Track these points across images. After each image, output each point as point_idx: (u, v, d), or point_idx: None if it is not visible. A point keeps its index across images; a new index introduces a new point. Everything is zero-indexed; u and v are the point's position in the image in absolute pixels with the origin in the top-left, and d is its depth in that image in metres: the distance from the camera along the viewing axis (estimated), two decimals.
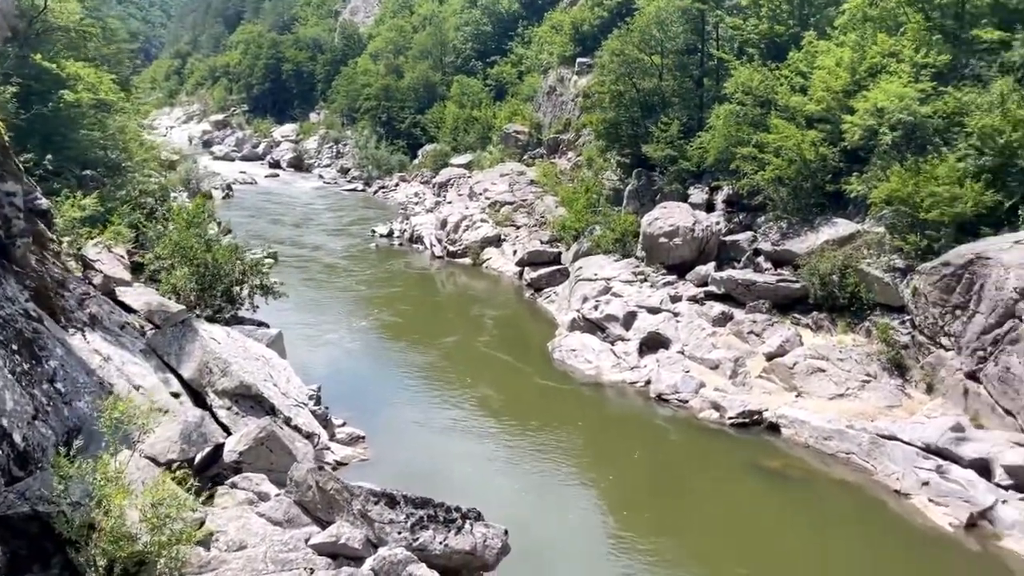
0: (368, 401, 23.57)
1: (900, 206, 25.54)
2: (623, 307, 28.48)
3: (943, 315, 23.39)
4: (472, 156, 60.78)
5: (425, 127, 71.76)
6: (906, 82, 27.98)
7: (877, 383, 23.50)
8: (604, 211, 37.82)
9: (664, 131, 36.19)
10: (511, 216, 44.78)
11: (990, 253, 22.60)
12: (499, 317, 33.11)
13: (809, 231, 29.46)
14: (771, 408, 22.62)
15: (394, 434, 21.41)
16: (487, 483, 19.10)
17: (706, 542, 17.38)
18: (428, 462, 20.00)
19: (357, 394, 24.02)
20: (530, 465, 20.38)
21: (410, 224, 47.58)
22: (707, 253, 31.71)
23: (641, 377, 25.52)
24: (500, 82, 70.33)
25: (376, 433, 21.13)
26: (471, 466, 20.08)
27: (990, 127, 24.98)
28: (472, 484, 18.89)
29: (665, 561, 16.47)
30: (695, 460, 21.24)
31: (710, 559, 16.60)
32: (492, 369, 26.88)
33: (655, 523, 18.06)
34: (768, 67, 34.14)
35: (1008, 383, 20.70)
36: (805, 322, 27.23)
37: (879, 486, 19.20)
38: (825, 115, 30.52)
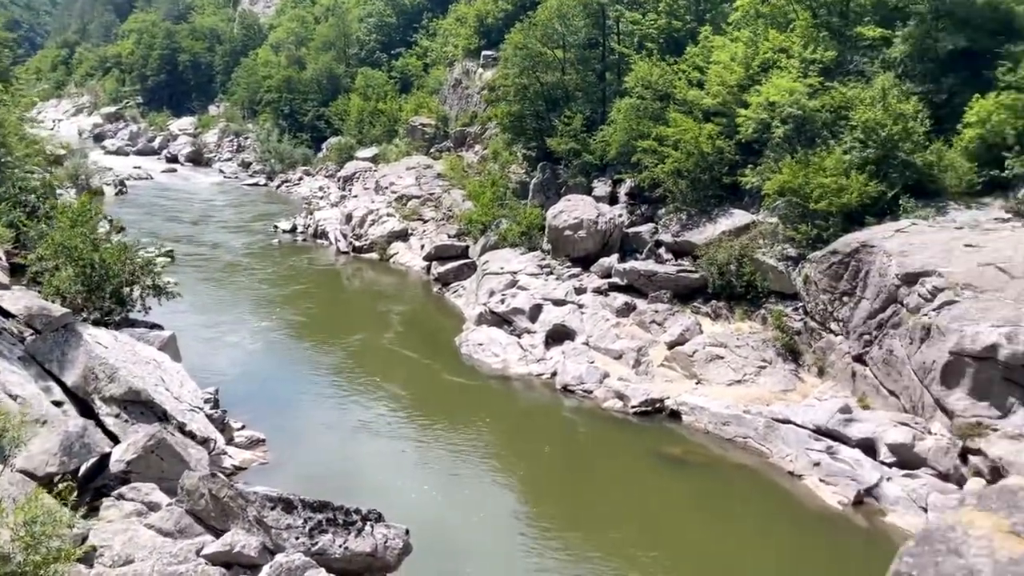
0: (270, 403, 22.95)
1: (791, 197, 26.49)
2: (529, 300, 28.63)
3: (832, 301, 24.41)
4: (378, 149, 59.99)
5: (329, 120, 70.38)
6: (795, 77, 29.02)
7: (772, 368, 24.34)
8: (511, 204, 37.92)
9: (567, 125, 36.52)
10: (418, 210, 44.39)
11: (874, 241, 23.69)
12: (406, 313, 32.80)
13: (707, 222, 30.25)
14: (672, 396, 23.14)
15: (296, 436, 20.92)
16: (394, 483, 18.87)
17: (614, 531, 17.60)
18: (332, 464, 19.63)
19: (258, 396, 23.36)
20: (438, 463, 20.25)
21: (314, 219, 46.59)
22: (611, 245, 32.18)
23: (547, 369, 25.70)
24: (405, 74, 69.63)
25: (277, 436, 20.59)
26: (378, 467, 19.81)
27: (873, 121, 26.16)
28: (379, 485, 18.65)
29: (573, 552, 16.63)
30: (601, 450, 21.52)
31: (619, 548, 16.82)
32: (399, 366, 26.58)
33: (563, 515, 18.22)
34: (666, 61, 34.85)
35: (891, 365, 21.75)
36: (705, 311, 27.95)
37: (774, 469, 19.89)
38: (721, 109, 31.39)
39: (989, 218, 24.71)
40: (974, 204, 25.38)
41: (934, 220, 24.72)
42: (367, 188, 52.62)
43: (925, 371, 20.54)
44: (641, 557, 16.46)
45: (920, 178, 25.90)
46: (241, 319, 30.82)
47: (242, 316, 31.24)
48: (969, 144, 25.64)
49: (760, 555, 16.72)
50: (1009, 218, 24.49)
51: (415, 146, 57.25)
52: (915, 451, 18.81)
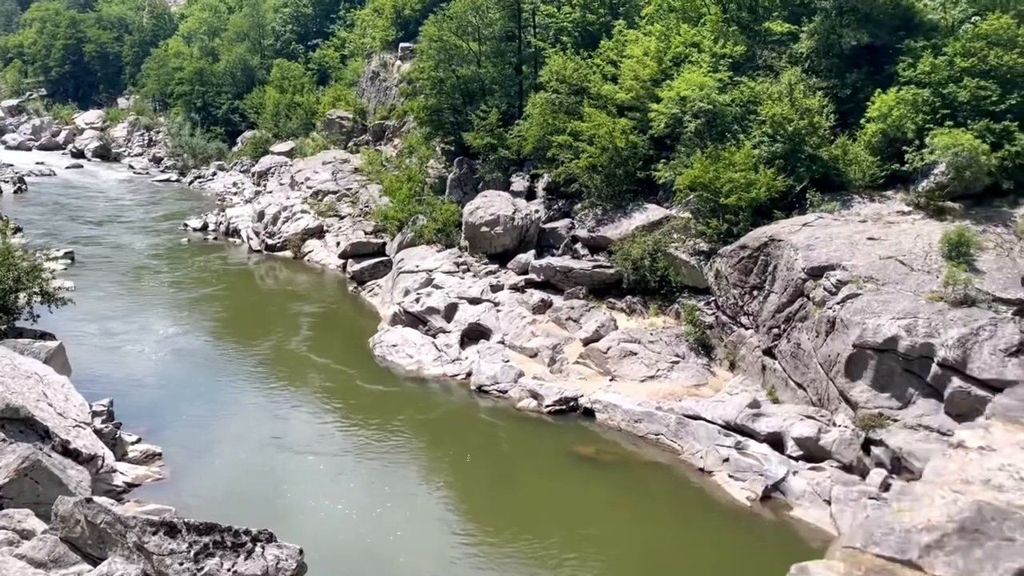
0: (170, 414, 21.92)
1: (702, 192, 26.62)
2: (444, 299, 28.14)
3: (742, 296, 24.65)
4: (295, 143, 58.51)
5: (245, 113, 68.37)
6: (706, 72, 29.20)
7: (685, 363, 24.46)
8: (428, 200, 37.30)
9: (483, 119, 36.05)
10: (334, 206, 43.37)
11: (782, 235, 24.00)
12: (320, 314, 31.90)
13: (623, 217, 30.22)
14: (586, 394, 23.01)
15: (198, 450, 19.98)
16: (303, 500, 18.11)
17: (532, 536, 17.27)
18: (235, 479, 18.79)
19: (158, 407, 22.29)
20: (352, 476, 19.54)
21: (226, 216, 45.04)
22: (528, 241, 31.91)
23: (463, 369, 25.29)
24: (323, 66, 68.13)
25: (176, 449, 19.65)
26: (286, 482, 18.96)
27: (780, 116, 26.50)
28: (286, 502, 17.92)
29: (493, 564, 16.27)
30: (516, 452, 21.24)
31: (537, 553, 16.55)
32: (311, 372, 25.73)
33: (481, 524, 17.81)
34: (581, 55, 34.70)
35: (799, 358, 22.07)
36: (620, 306, 27.94)
37: (685, 465, 19.93)
38: (635, 103, 31.38)
39: (891, 211, 25.31)
40: (877, 197, 25.95)
41: (839, 213, 25.19)
42: (283, 183, 51.23)
43: (830, 364, 20.89)
44: (557, 561, 16.23)
45: (826, 172, 26.36)
46: (145, 325, 29.45)
47: (146, 322, 29.85)
48: (872, 138, 26.20)
49: (669, 553, 16.68)
50: (910, 211, 25.11)
51: (332, 140, 56.01)
52: (820, 444, 19.09)
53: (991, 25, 25.60)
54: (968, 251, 21.77)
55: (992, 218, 23.97)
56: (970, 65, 25.27)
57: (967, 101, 24.96)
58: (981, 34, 25.69)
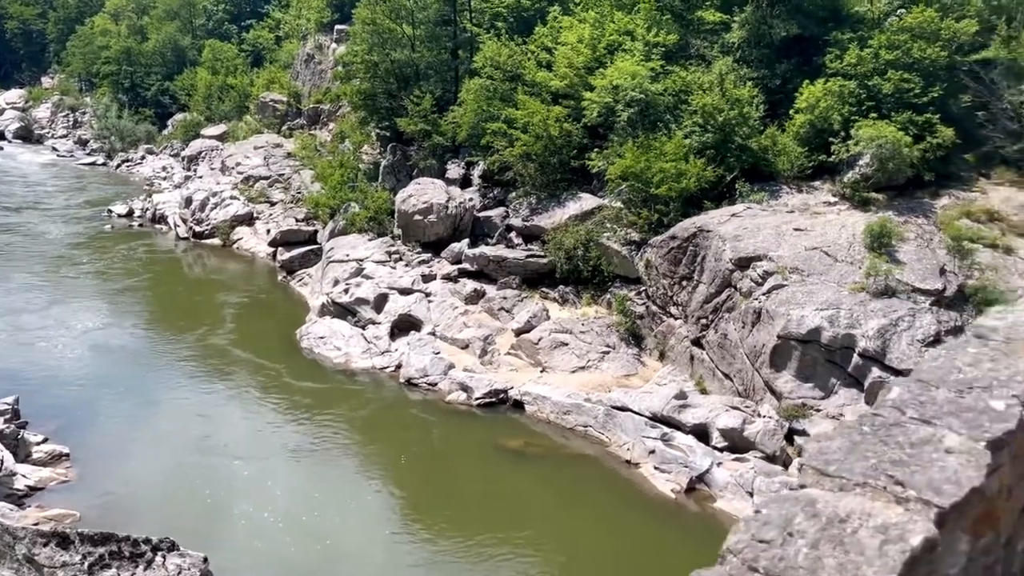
0: (83, 413, 21.01)
1: (634, 182, 26.55)
2: (374, 289, 27.59)
3: (672, 286, 24.70)
4: (227, 127, 56.86)
5: (175, 95, 66.17)
6: (639, 60, 29.08)
7: (616, 353, 24.42)
8: (361, 187, 36.54)
9: (417, 105, 35.41)
10: (266, 192, 42.27)
11: (710, 226, 24.07)
12: (247, 304, 31.04)
13: (556, 206, 30.00)
14: (516, 386, 22.80)
15: (109, 450, 19.18)
16: (220, 504, 17.51)
17: (459, 533, 17.02)
18: (148, 482, 18.07)
19: (70, 406, 21.35)
20: (273, 477, 18.89)
21: (152, 202, 43.55)
22: (462, 230, 31.49)
23: (392, 362, 24.86)
24: (257, 48, 66.28)
25: (86, 450, 18.85)
26: (203, 485, 18.26)
27: (711, 106, 26.54)
28: (200, 506, 17.30)
29: (418, 562, 15.96)
30: (444, 447, 20.95)
31: (466, 551, 16.30)
32: (236, 367, 24.97)
33: (404, 523, 17.51)
34: (516, 42, 34.28)
35: (726, 348, 22.20)
36: (553, 296, 27.78)
37: (613, 457, 19.88)
38: (569, 91, 31.11)
39: (818, 201, 25.60)
40: (805, 188, 26.23)
41: (768, 204, 25.38)
42: (213, 168, 49.78)
43: (756, 354, 21.05)
44: (486, 559, 16.02)
45: (756, 162, 26.52)
46: (61, 319, 28.22)
47: (62, 315, 28.61)
48: (800, 129, 26.44)
49: (592, 547, 16.61)
50: (836, 201, 25.44)
51: (266, 123, 54.56)
52: (745, 435, 19.22)
53: (915, 18, 26.00)
54: (889, 242, 22.13)
55: (914, 209, 24.44)
56: (894, 58, 25.64)
57: (891, 93, 25.33)
58: (905, 27, 26.08)
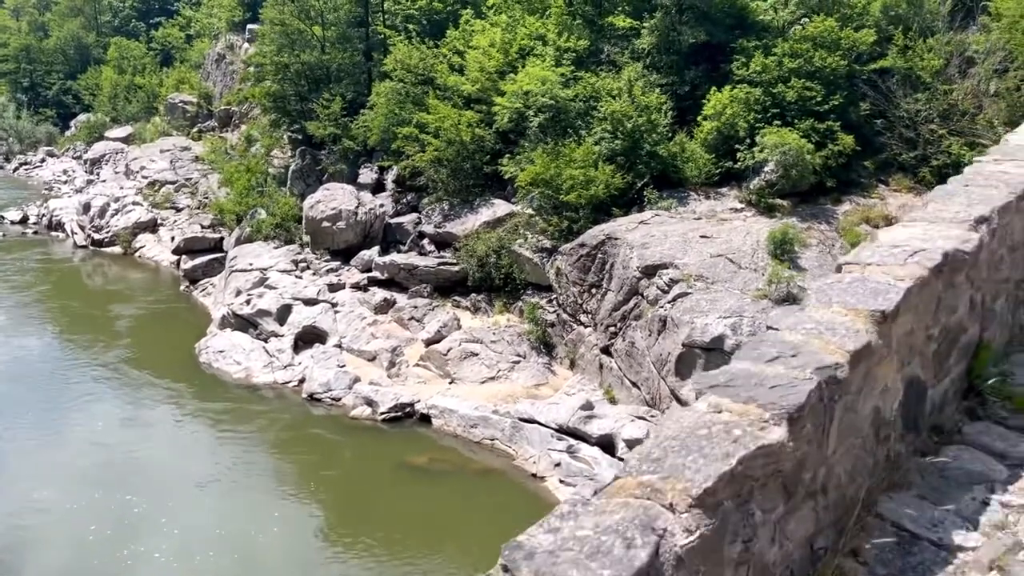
0: None
1: (544, 188, 26.27)
2: (277, 300, 26.62)
3: (581, 293, 24.49)
4: (133, 128, 54.66)
5: (79, 95, 63.39)
6: (549, 66, 28.85)
7: (526, 362, 24.08)
8: (270, 192, 35.41)
9: (326, 108, 34.47)
10: (171, 197, 40.67)
11: (618, 233, 23.93)
12: (146, 317, 29.62)
13: (469, 212, 29.53)
14: (423, 399, 22.24)
15: None
16: (104, 545, 16.32)
17: (353, 557, 16.41)
18: (19, 522, 16.76)
19: None
20: (165, 511, 17.71)
21: (48, 208, 41.39)
22: (372, 237, 30.76)
23: (295, 376, 23.99)
24: (166, 47, 64.04)
25: None
26: (86, 522, 17.00)
27: (619, 112, 26.45)
28: (81, 547, 16.15)
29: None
30: (344, 466, 20.22)
31: (369, 571, 15.68)
32: (129, 385, 23.64)
33: (298, 554, 16.73)
34: (427, 45, 33.70)
35: (633, 357, 22.07)
36: (465, 304, 27.31)
37: (519, 471, 19.51)
38: (481, 95, 30.70)
39: (725, 208, 25.77)
40: (713, 194, 26.38)
41: (676, 211, 25.41)
42: (118, 172, 47.79)
43: (662, 362, 20.96)
44: None
45: (665, 169, 26.55)
46: None
47: None
48: (707, 136, 26.58)
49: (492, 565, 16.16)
50: (742, 207, 25.65)
51: (176, 125, 52.67)
52: None
53: (816, 27, 26.43)
54: (792, 248, 22.38)
55: (817, 215, 24.82)
56: (797, 66, 26.01)
57: (794, 101, 25.70)
58: (808, 36, 26.49)
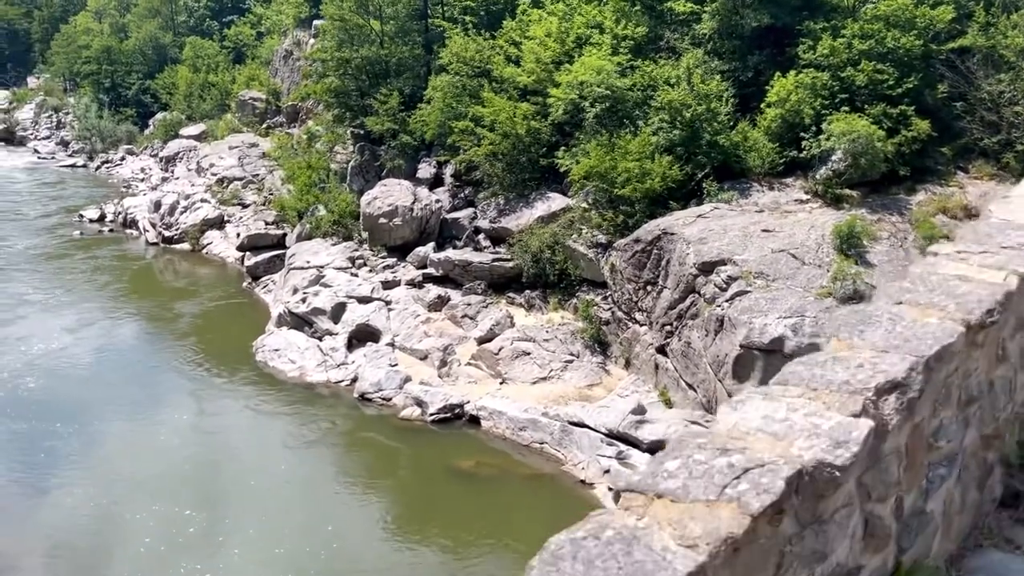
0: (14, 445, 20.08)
1: (598, 182, 25.54)
2: (332, 298, 26.63)
3: (637, 291, 23.71)
4: (205, 126, 55.90)
5: (156, 94, 65.21)
6: (606, 54, 28.00)
7: (580, 362, 23.50)
8: (331, 189, 35.59)
9: (384, 103, 34.36)
10: (239, 194, 41.38)
11: (675, 228, 23.05)
12: (208, 313, 30.10)
13: (525, 207, 29.01)
14: (473, 400, 21.89)
15: (25, 484, 18.21)
16: (151, 555, 16.55)
17: (394, 563, 16.23)
18: (60, 524, 17.07)
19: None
20: (213, 522, 17.73)
21: (123, 206, 42.67)
22: (429, 233, 30.53)
23: (348, 375, 23.97)
24: (238, 45, 65.19)
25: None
26: (133, 530, 17.20)
27: (678, 101, 25.46)
28: (128, 559, 16.34)
29: None
30: (391, 468, 20.10)
31: None
32: (184, 384, 23.93)
33: (336, 552, 16.64)
34: (484, 36, 33.20)
35: (689, 358, 21.23)
36: (519, 301, 26.84)
37: (567, 476, 18.98)
38: (537, 87, 30.05)
39: (789, 199, 24.56)
40: (776, 185, 25.19)
41: (737, 203, 24.32)
42: (190, 169, 48.91)
43: (719, 364, 20.08)
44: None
45: (726, 159, 25.46)
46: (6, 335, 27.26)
47: (9, 332, 27.65)
48: (771, 124, 25.36)
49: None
50: (808, 199, 24.40)
51: (246, 122, 53.59)
52: None
53: (889, 6, 24.88)
54: (860, 242, 21.14)
55: (888, 206, 23.39)
56: (868, 48, 24.53)
57: (865, 85, 24.25)
58: (879, 15, 24.96)
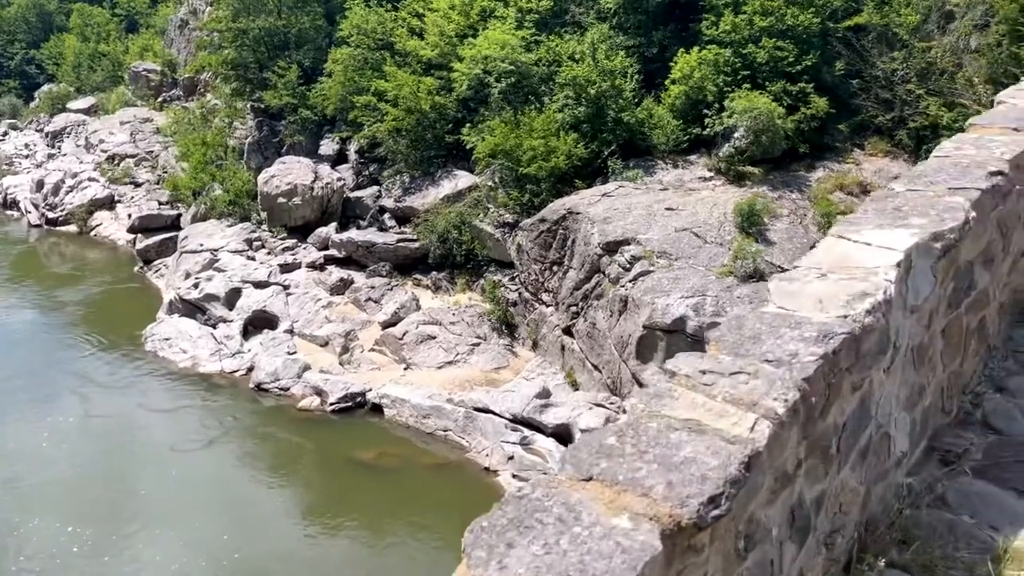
0: None
1: (504, 160, 24.98)
2: (226, 284, 25.38)
3: (543, 271, 23.34)
4: (95, 99, 52.82)
5: (42, 64, 61.32)
6: (510, 28, 27.34)
7: (487, 344, 23.05)
8: (229, 167, 33.96)
9: (282, 76, 32.89)
10: (131, 172, 39.18)
11: (580, 208, 22.69)
12: (96, 300, 28.35)
13: (431, 185, 28.26)
14: (375, 387, 21.18)
15: None
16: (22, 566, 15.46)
17: (290, 561, 15.53)
18: None
19: None
20: (66, 517, 16.68)
21: (2, 186, 39.89)
22: (331, 212, 29.45)
23: (243, 364, 22.89)
24: (131, 12, 61.73)
25: None
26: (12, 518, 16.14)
27: (582, 77, 25.03)
28: None
29: None
30: (287, 462, 19.22)
31: None
32: (68, 376, 22.47)
33: (221, 555, 15.81)
34: (385, 7, 32.04)
35: (594, 338, 21.01)
36: (426, 283, 26.20)
37: (472, 464, 18.55)
38: (441, 61, 29.18)
39: (693, 177, 24.49)
40: (681, 162, 25.08)
41: (642, 181, 24.13)
42: (79, 145, 46.12)
43: (623, 345, 19.91)
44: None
45: (632, 136, 25.21)
46: None
47: None
48: (676, 101, 25.20)
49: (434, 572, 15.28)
50: (711, 176, 24.38)
51: (139, 95, 50.81)
52: None
53: None
54: (761, 220, 21.19)
55: (789, 183, 23.57)
56: (768, 24, 24.52)
57: (765, 62, 24.25)
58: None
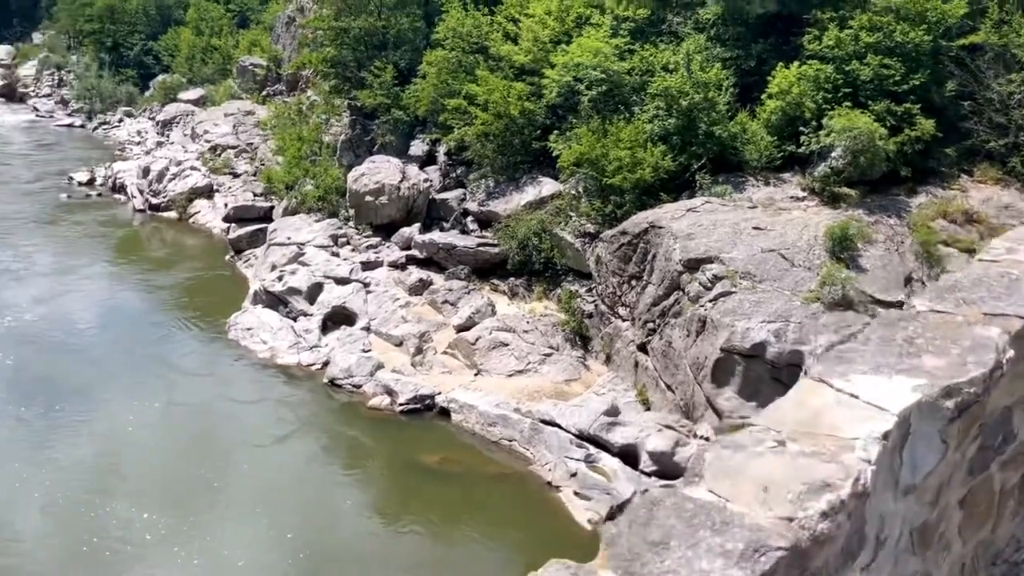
0: None
1: (589, 169, 24.66)
2: (309, 278, 25.87)
3: (621, 284, 22.89)
4: (204, 91, 54.99)
5: (158, 55, 64.28)
6: (604, 36, 26.98)
7: (559, 355, 22.75)
8: (322, 163, 34.73)
9: (378, 76, 33.39)
10: (231, 162, 40.56)
11: (663, 222, 22.16)
12: (187, 287, 29.31)
13: (515, 191, 28.15)
14: (444, 391, 21.18)
15: None
16: (102, 554, 16.00)
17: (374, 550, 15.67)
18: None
19: None
20: (144, 504, 17.13)
21: (113, 170, 41.89)
22: (416, 213, 29.70)
23: (320, 358, 23.28)
24: (243, 8, 64.13)
25: None
26: (80, 528, 16.66)
27: (674, 88, 24.47)
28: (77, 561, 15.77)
29: None
30: (351, 461, 19.36)
31: None
32: (154, 361, 23.21)
33: (287, 551, 16.03)
34: (482, 11, 32.13)
35: (670, 358, 20.47)
36: (503, 289, 26.09)
37: (534, 478, 18.30)
38: (534, 67, 29.07)
39: (785, 196, 23.59)
40: (773, 180, 24.20)
41: (731, 197, 23.39)
42: (186, 134, 48.08)
43: (698, 367, 19.33)
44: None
45: (723, 151, 24.50)
46: None
47: None
48: (771, 116, 24.34)
49: None
50: (804, 196, 23.43)
51: (245, 88, 52.67)
52: (675, 459, 17.56)
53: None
54: (854, 246, 20.23)
55: (886, 207, 22.42)
56: (875, 40, 23.43)
57: (869, 80, 23.17)
58: (890, 7, 23.81)
